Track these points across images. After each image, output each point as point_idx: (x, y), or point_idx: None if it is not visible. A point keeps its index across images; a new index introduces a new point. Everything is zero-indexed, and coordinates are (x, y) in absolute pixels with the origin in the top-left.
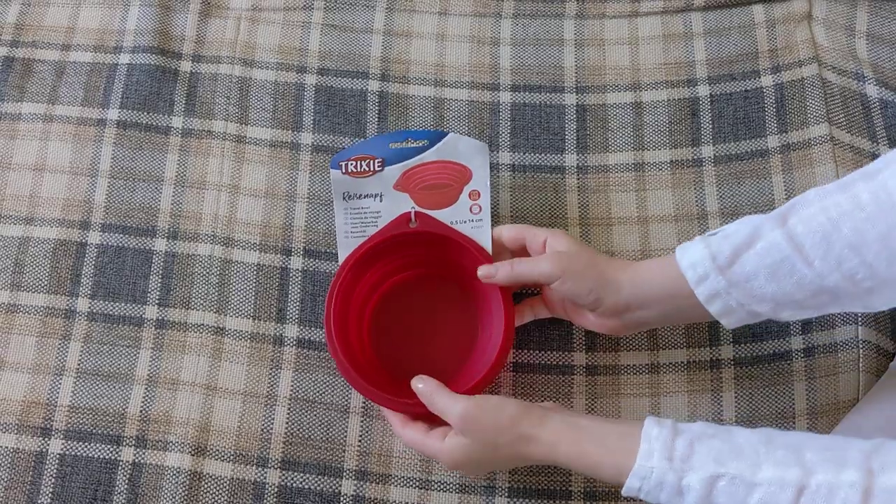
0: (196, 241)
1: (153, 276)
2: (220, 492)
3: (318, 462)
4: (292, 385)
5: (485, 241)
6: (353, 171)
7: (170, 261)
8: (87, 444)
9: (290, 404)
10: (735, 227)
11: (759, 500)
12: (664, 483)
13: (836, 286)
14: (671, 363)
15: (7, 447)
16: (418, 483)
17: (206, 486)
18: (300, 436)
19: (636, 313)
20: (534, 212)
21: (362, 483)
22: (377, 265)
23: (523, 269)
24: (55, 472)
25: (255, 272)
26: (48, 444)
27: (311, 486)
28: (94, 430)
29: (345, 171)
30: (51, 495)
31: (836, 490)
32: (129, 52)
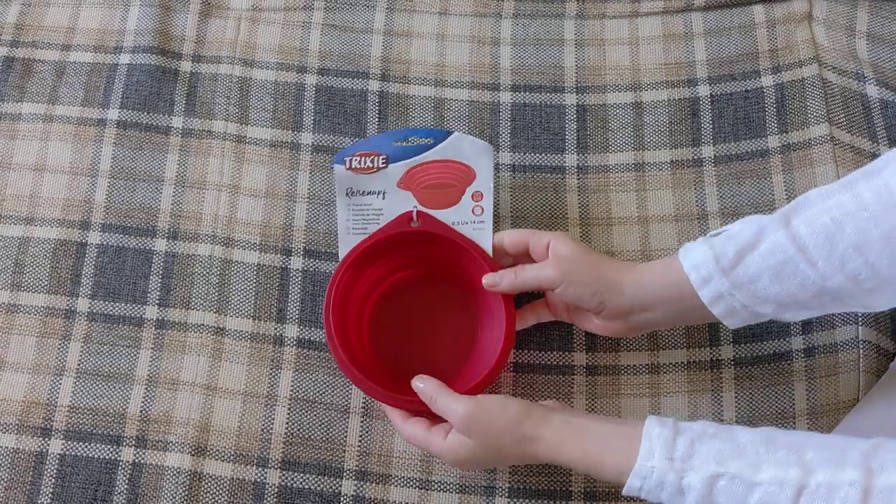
0: (196, 242)
1: (153, 276)
2: (220, 492)
3: (318, 462)
4: (292, 385)
5: (486, 243)
6: (357, 167)
7: (170, 261)
8: (87, 444)
9: (290, 404)
10: (738, 227)
11: (758, 499)
12: (665, 482)
13: (839, 287)
14: (671, 363)
15: (7, 447)
16: (418, 483)
17: (206, 486)
18: (300, 436)
19: (641, 315)
20: (534, 212)
21: (362, 483)
22: (378, 263)
23: (528, 276)
24: (55, 472)
25: (255, 272)
26: (48, 445)
27: (312, 487)
28: (94, 431)
29: (348, 167)
30: (51, 495)
31: (836, 489)
32: (129, 52)
